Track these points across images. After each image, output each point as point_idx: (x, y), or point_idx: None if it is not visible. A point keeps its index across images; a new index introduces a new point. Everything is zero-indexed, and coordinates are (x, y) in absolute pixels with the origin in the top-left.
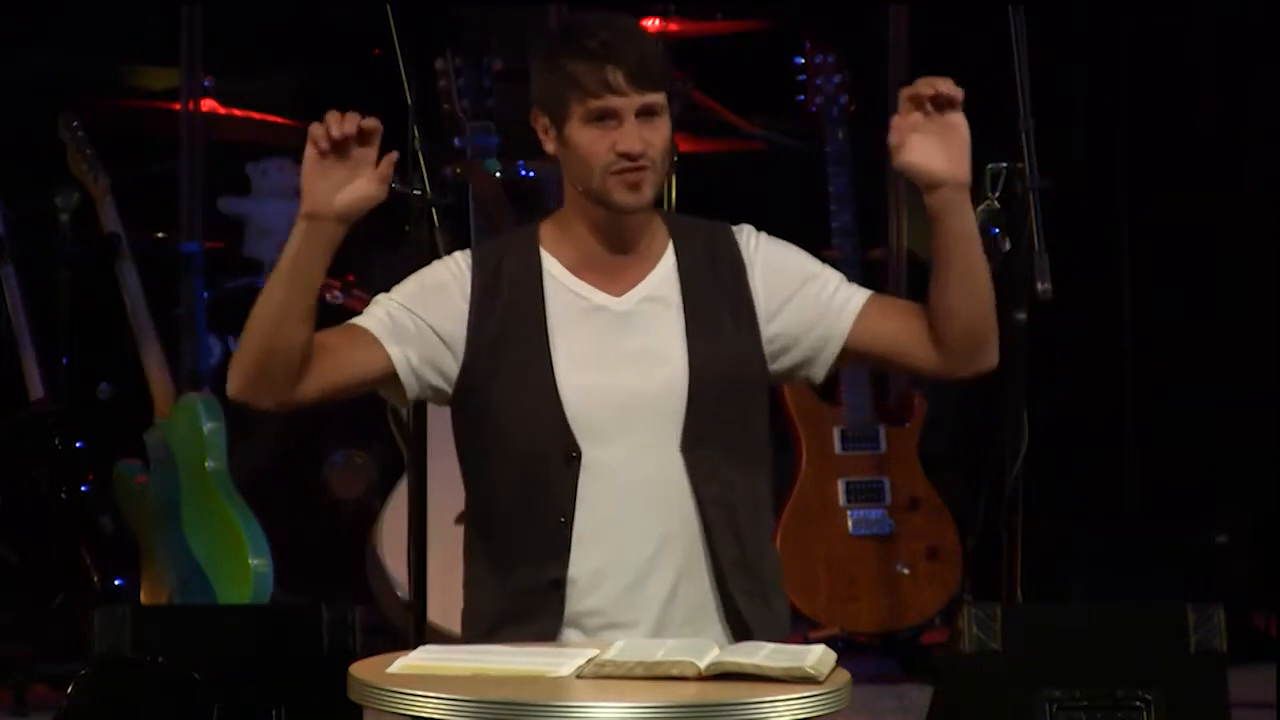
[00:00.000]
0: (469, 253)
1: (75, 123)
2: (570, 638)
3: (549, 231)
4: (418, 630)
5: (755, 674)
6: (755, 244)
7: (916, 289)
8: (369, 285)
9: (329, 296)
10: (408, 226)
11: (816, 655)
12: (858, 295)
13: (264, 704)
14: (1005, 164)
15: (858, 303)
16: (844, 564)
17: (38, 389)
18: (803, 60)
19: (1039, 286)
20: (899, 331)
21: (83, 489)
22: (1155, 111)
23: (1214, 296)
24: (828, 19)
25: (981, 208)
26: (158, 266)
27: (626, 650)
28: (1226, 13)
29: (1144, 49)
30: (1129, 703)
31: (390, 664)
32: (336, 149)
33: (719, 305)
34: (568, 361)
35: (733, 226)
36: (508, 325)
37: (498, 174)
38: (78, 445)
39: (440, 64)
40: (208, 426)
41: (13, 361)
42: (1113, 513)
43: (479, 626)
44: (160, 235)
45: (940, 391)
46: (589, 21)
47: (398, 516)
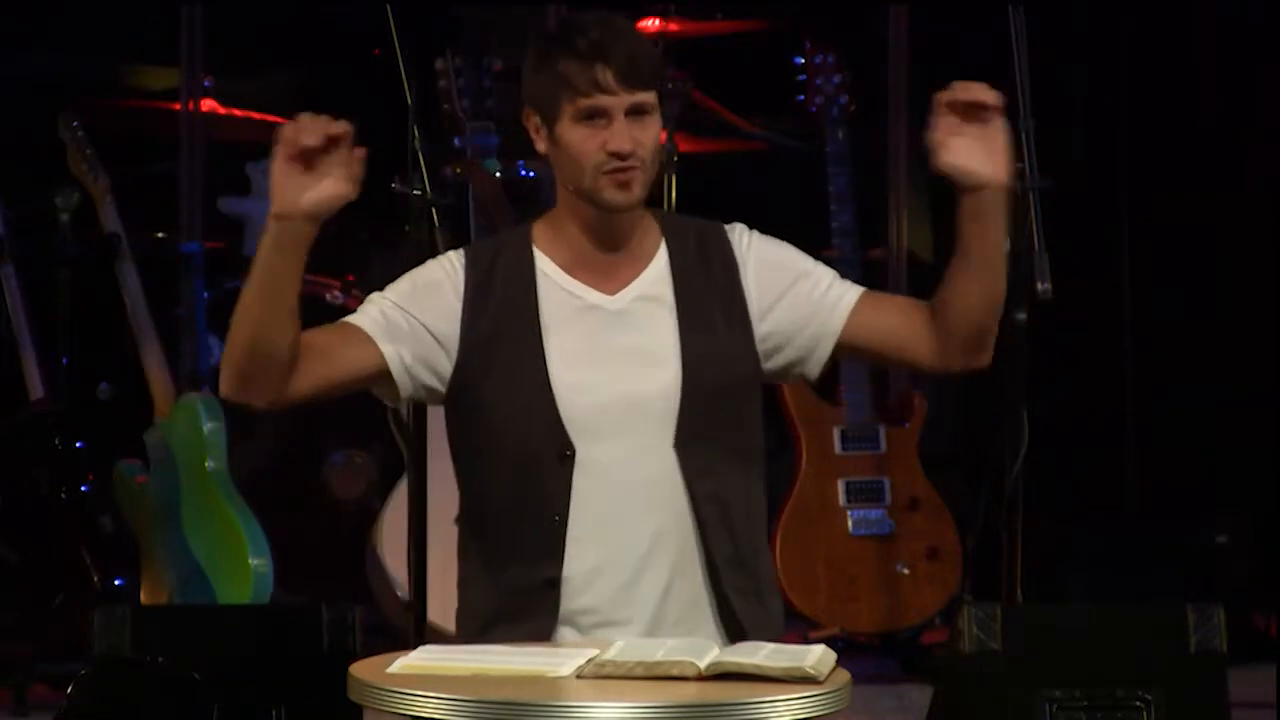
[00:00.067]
0: (462, 252)
1: (75, 123)
2: (565, 636)
3: (542, 231)
4: (418, 630)
5: (755, 674)
6: (747, 242)
7: (916, 289)
8: (369, 285)
9: (329, 296)
10: (408, 226)
11: (816, 655)
12: (851, 292)
13: (264, 704)
14: None
15: (851, 299)
16: (844, 564)
17: (38, 389)
18: (803, 60)
19: (1039, 286)
20: (894, 326)
21: (83, 489)
22: (1155, 111)
23: (1214, 296)
24: (828, 19)
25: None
26: (158, 266)
27: (626, 650)
28: (1226, 13)
29: (1144, 49)
30: (1129, 703)
31: (390, 664)
32: (305, 153)
33: (712, 304)
34: (561, 360)
35: (725, 225)
36: (501, 324)
37: (498, 174)
38: (78, 445)
39: (440, 64)
40: (208, 426)
41: (13, 361)
42: (1113, 513)
43: (473, 625)
44: (160, 235)
45: (940, 391)
46: (581, 21)
47: (398, 516)
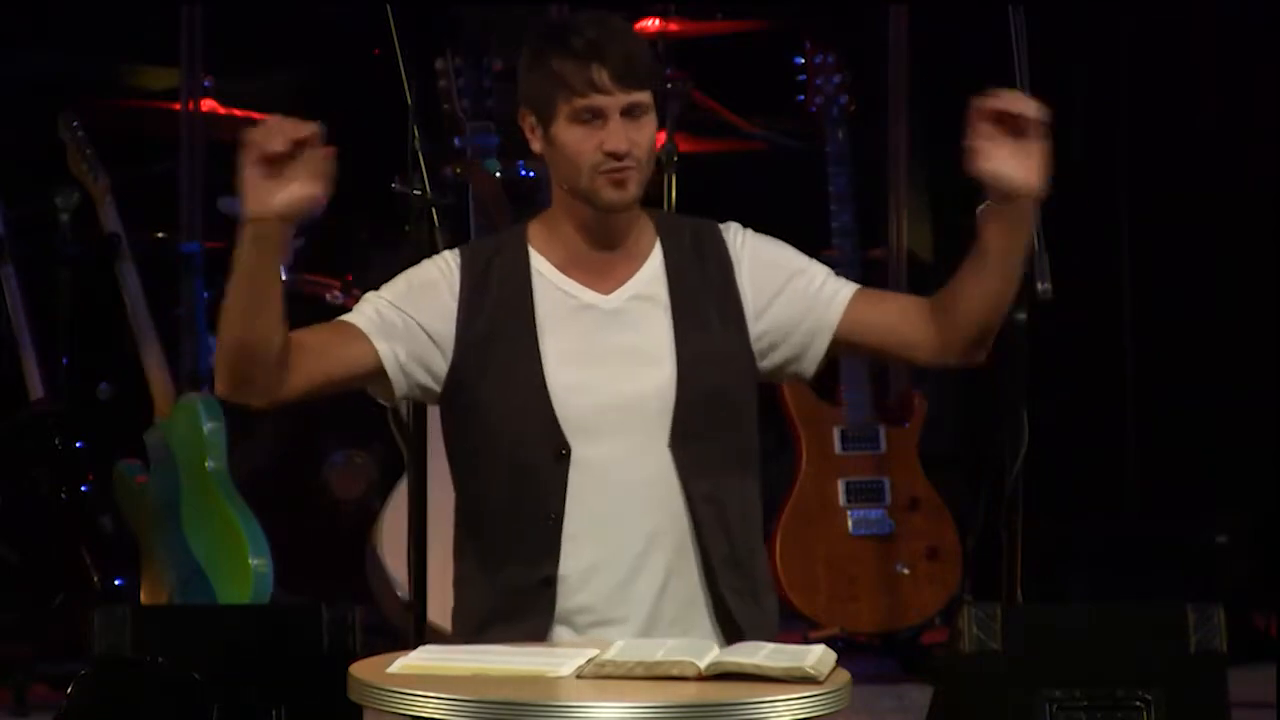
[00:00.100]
0: (458, 251)
1: (75, 123)
2: (561, 635)
3: (537, 231)
4: (418, 630)
5: (755, 674)
6: (742, 241)
7: (916, 289)
8: (369, 285)
9: (329, 296)
10: (408, 226)
11: (816, 655)
12: (846, 288)
13: (264, 704)
14: None
15: (846, 294)
16: (844, 564)
17: (38, 389)
18: (803, 60)
19: (1039, 286)
20: (890, 320)
21: (83, 489)
22: (1155, 111)
23: (1214, 296)
24: (828, 19)
25: (982, 208)
26: (158, 266)
27: (626, 650)
28: (1226, 13)
29: (1144, 49)
30: (1129, 703)
31: (390, 664)
32: (274, 156)
33: (707, 303)
34: (557, 359)
35: (720, 224)
36: (496, 323)
37: (498, 174)
38: (78, 445)
39: (440, 64)
40: (208, 426)
41: (13, 361)
42: (1113, 513)
43: (469, 625)
44: (160, 235)
45: (940, 391)
46: (576, 20)
47: (398, 516)
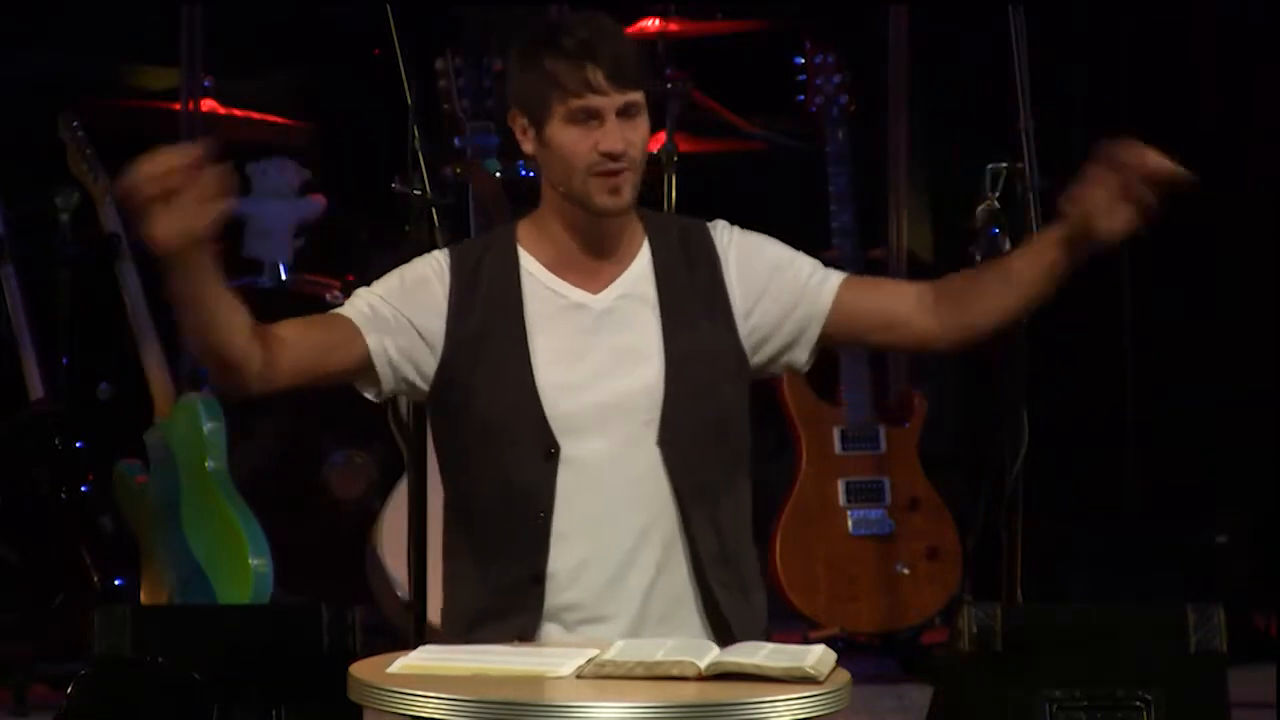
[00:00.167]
0: (448, 251)
1: (75, 123)
2: (550, 632)
3: (527, 230)
4: (418, 630)
5: (755, 674)
6: (729, 238)
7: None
8: (369, 286)
9: (329, 296)
10: (408, 226)
11: (816, 655)
12: (834, 276)
13: (264, 704)
14: (1005, 164)
15: (835, 281)
16: (844, 564)
17: (38, 389)
18: (803, 60)
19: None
20: (882, 303)
21: (83, 489)
22: (1155, 111)
23: (1214, 296)
24: (828, 19)
25: (981, 208)
26: (158, 266)
27: (626, 650)
28: (1226, 13)
29: (1144, 49)
30: (1129, 703)
31: (390, 664)
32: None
33: (695, 301)
34: (546, 358)
35: (708, 223)
36: (486, 322)
37: (498, 174)
38: (78, 445)
39: (440, 64)
40: (208, 426)
41: (13, 361)
42: (1113, 513)
43: (459, 623)
44: None
45: (940, 391)
46: (567, 20)
47: (398, 516)
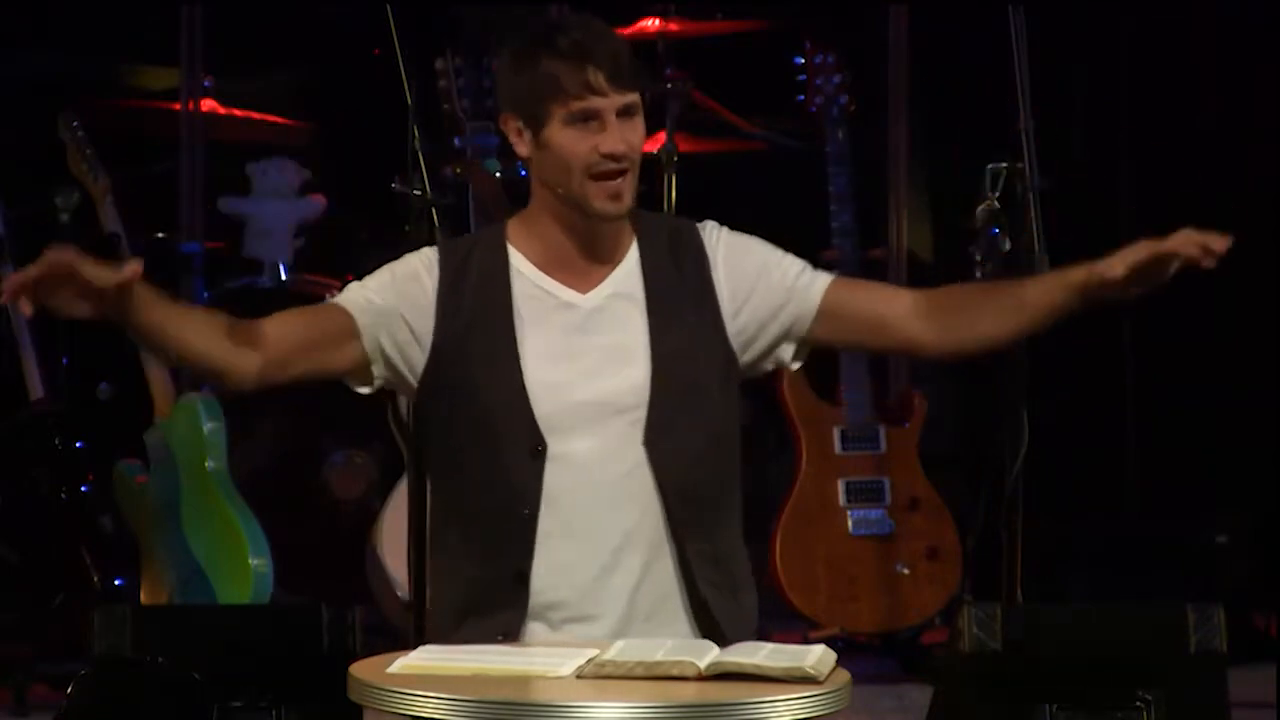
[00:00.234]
0: (437, 248)
1: (75, 123)
2: (535, 631)
3: (516, 229)
4: (418, 630)
5: (755, 674)
6: (717, 238)
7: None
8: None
9: (329, 296)
10: (408, 226)
11: (816, 655)
12: (822, 276)
13: (264, 704)
14: (1005, 164)
15: (824, 281)
16: (844, 564)
17: (38, 389)
18: (803, 60)
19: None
20: (872, 305)
21: (83, 489)
22: (1155, 111)
23: (1214, 297)
24: (828, 19)
25: (981, 208)
26: (158, 266)
27: (626, 650)
28: (1226, 13)
29: (1144, 49)
30: (1129, 703)
31: (390, 664)
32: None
33: (683, 301)
34: (534, 357)
35: (696, 223)
36: (475, 320)
37: (498, 174)
38: (78, 445)
39: (440, 64)
40: (208, 426)
41: (13, 361)
42: (1113, 513)
43: (444, 620)
44: (160, 235)
45: (940, 391)
46: (558, 21)
47: (398, 516)
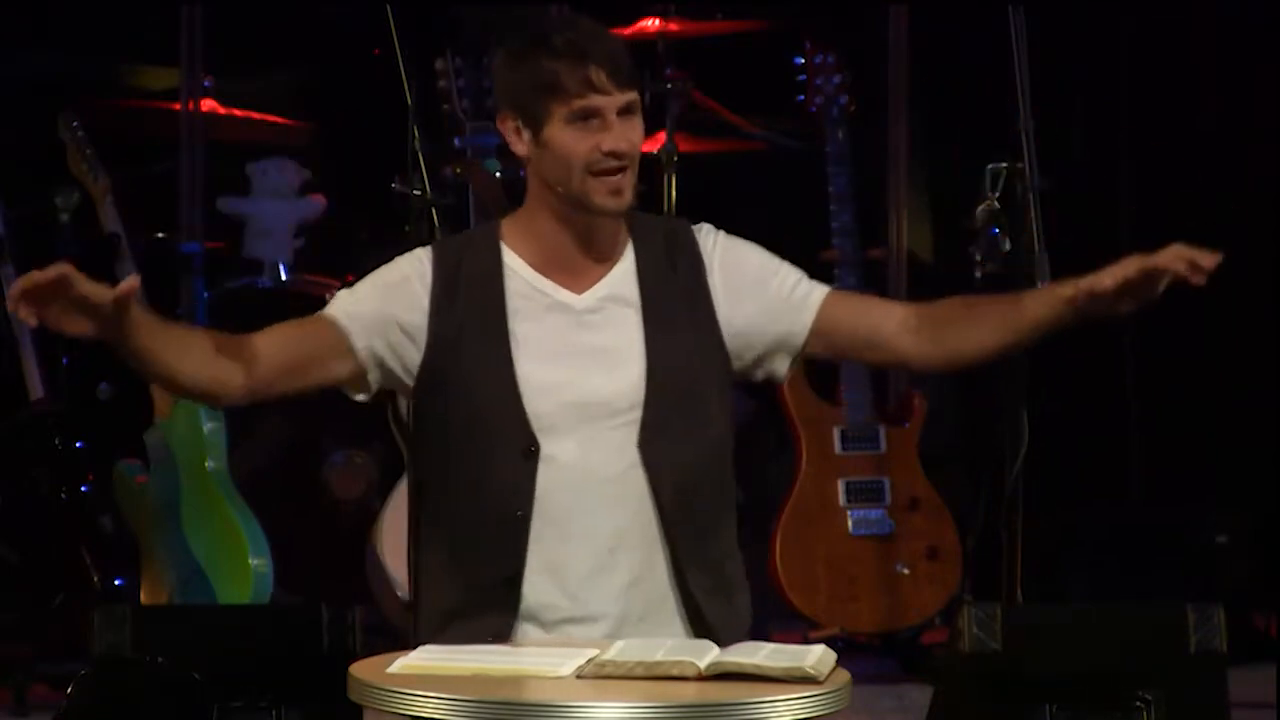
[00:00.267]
0: (430, 248)
1: (75, 123)
2: (528, 633)
3: (511, 229)
4: (418, 630)
5: (755, 674)
6: (714, 242)
7: (916, 289)
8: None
9: (329, 296)
10: (408, 226)
11: (816, 655)
12: (818, 289)
13: (264, 704)
14: (1005, 164)
15: (820, 294)
16: (844, 564)
17: (38, 389)
18: (803, 60)
19: (1039, 286)
20: (866, 319)
21: (83, 489)
22: (1155, 111)
23: (1214, 297)
24: (828, 19)
25: (981, 208)
26: (158, 266)
27: (626, 650)
28: (1226, 13)
29: (1144, 49)
30: (1129, 703)
31: (390, 664)
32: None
33: (677, 304)
34: (527, 357)
35: (693, 225)
36: (468, 321)
37: (498, 174)
38: (78, 445)
39: (440, 64)
40: (208, 426)
41: (13, 361)
42: (1113, 512)
43: (433, 621)
44: (160, 235)
45: (940, 391)
46: (552, 21)
47: (398, 516)
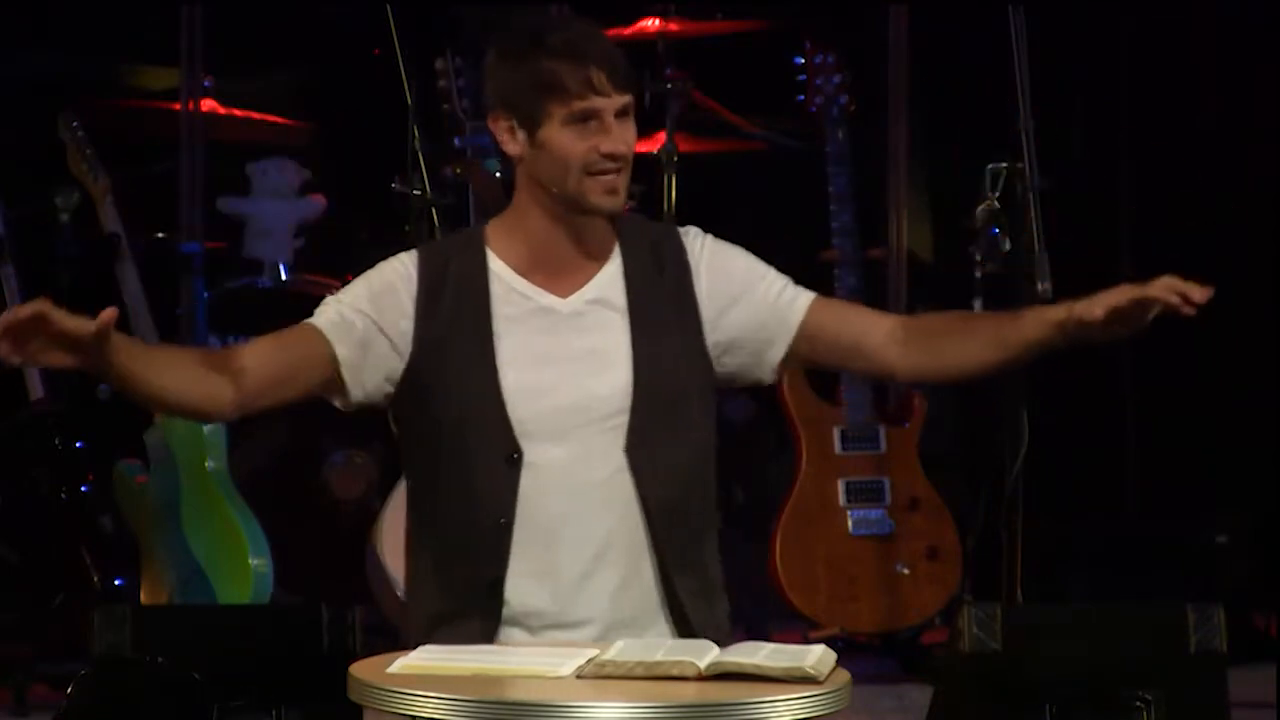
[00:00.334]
0: (415, 253)
1: (75, 123)
2: (514, 637)
3: (496, 233)
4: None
5: (755, 674)
6: (701, 246)
7: (916, 289)
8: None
9: (328, 297)
10: (408, 226)
11: (816, 655)
12: (804, 295)
13: (264, 704)
14: (1005, 164)
15: (805, 301)
16: (844, 564)
17: (38, 389)
18: (803, 60)
19: (1039, 286)
20: (855, 329)
21: (83, 489)
22: (1155, 111)
23: (1214, 297)
24: (828, 19)
25: (981, 208)
26: (158, 266)
27: (626, 650)
28: (1226, 13)
29: (1144, 49)
30: (1129, 703)
31: (390, 664)
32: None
33: (663, 308)
34: (511, 362)
35: (680, 229)
36: (453, 326)
37: (498, 174)
38: (78, 445)
39: (440, 64)
40: (207, 427)
41: None
42: (1113, 513)
43: (419, 626)
44: (160, 235)
45: (940, 391)
46: (548, 21)
47: (398, 516)
